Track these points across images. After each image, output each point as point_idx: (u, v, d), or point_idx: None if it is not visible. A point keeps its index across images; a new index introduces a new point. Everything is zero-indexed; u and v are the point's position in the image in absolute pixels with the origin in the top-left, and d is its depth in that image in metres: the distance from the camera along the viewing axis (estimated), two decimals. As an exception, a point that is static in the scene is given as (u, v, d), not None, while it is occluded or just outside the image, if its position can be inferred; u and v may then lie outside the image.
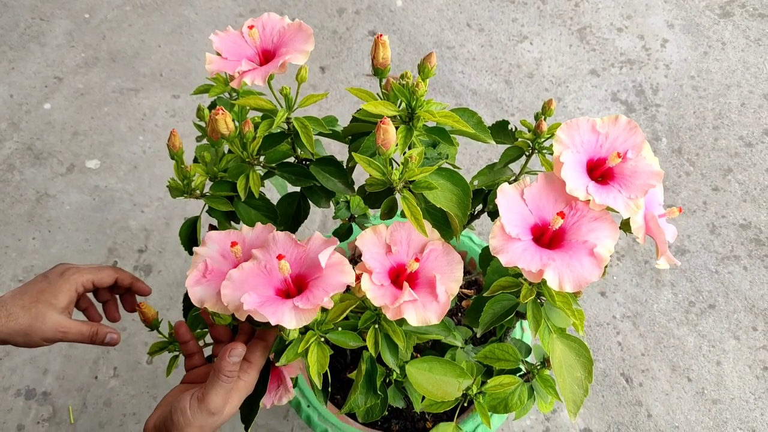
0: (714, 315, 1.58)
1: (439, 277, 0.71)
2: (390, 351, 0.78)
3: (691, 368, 1.52)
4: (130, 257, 1.61)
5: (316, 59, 1.92)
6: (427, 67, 0.72)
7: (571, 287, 0.69)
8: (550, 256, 0.71)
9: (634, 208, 0.73)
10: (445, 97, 1.86)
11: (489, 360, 0.95)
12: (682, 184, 1.75)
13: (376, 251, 0.72)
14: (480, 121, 0.79)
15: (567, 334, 0.82)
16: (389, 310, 0.69)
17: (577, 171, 0.74)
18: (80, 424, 1.42)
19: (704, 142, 1.82)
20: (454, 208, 0.76)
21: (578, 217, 0.74)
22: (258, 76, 0.76)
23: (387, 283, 0.71)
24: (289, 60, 0.76)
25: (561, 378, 0.80)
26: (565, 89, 1.90)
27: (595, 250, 0.71)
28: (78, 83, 1.87)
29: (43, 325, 0.79)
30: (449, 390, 0.83)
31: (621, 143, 0.77)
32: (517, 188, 0.74)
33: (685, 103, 1.89)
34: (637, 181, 0.75)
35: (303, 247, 0.70)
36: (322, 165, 0.87)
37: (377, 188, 0.72)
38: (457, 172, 0.76)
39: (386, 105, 0.71)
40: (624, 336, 1.55)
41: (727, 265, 1.64)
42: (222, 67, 0.78)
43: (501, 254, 0.70)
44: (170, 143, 0.83)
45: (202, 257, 0.72)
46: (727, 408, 1.47)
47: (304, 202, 0.90)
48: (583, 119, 0.77)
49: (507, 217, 0.72)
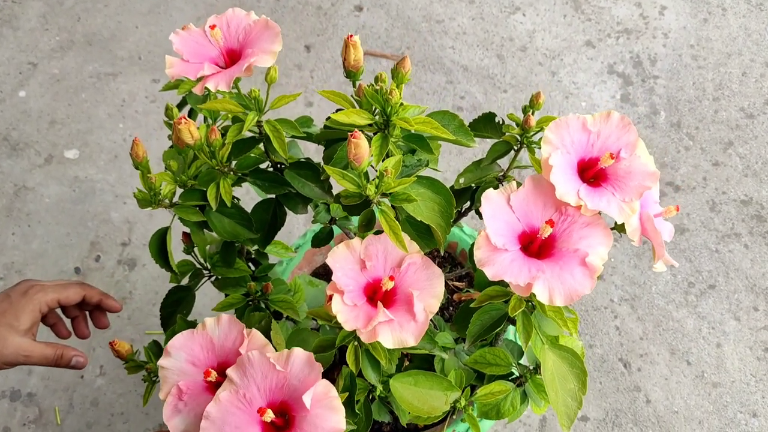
0: (714, 296, 1.54)
1: (417, 294, 0.67)
2: (372, 367, 0.74)
3: (691, 351, 1.48)
4: (114, 251, 1.57)
5: (301, 38, 1.85)
6: (401, 72, 0.66)
7: (561, 301, 0.65)
8: (539, 268, 0.66)
9: (628, 212, 0.69)
10: (435, 74, 1.79)
11: (479, 365, 0.91)
12: (681, 159, 1.70)
13: (349, 268, 0.67)
14: (461, 125, 0.73)
15: (559, 344, 0.78)
16: (363, 334, 0.64)
17: (567, 174, 0.69)
18: (67, 425, 1.39)
19: (704, 115, 1.76)
20: (437, 218, 0.71)
21: (569, 223, 0.69)
22: (222, 81, 0.70)
23: (361, 302, 0.67)
24: (255, 62, 0.70)
25: (553, 391, 0.76)
26: (559, 62, 1.83)
27: (587, 260, 0.66)
28: (53, 68, 1.80)
29: (4, 349, 0.75)
30: (436, 404, 0.79)
31: (614, 142, 0.72)
32: (503, 194, 0.69)
33: (684, 73, 1.82)
34: (632, 182, 0.70)
35: (283, 373, 0.62)
36: (297, 169, 0.82)
37: (353, 201, 0.67)
38: (438, 181, 0.70)
39: (359, 113, 0.65)
40: (622, 320, 1.51)
41: (728, 244, 1.59)
42: (183, 71, 0.72)
43: (487, 267, 0.65)
44: (133, 153, 0.78)
45: (171, 372, 0.66)
46: (728, 391, 1.44)
47: (280, 208, 0.85)
48: (573, 117, 0.71)
49: (492, 226, 0.67)
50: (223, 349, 0.66)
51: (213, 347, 0.66)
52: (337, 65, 1.81)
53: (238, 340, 0.66)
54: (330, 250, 1.31)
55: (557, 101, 1.77)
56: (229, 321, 0.67)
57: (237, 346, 0.66)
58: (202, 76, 0.71)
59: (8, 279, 1.52)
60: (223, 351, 0.66)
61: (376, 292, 0.69)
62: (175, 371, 0.66)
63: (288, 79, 1.78)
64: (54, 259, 1.55)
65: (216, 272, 0.93)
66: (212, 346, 0.66)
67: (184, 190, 0.82)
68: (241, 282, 0.93)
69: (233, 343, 0.66)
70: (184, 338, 0.67)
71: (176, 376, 0.65)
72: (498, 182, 0.91)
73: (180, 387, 0.64)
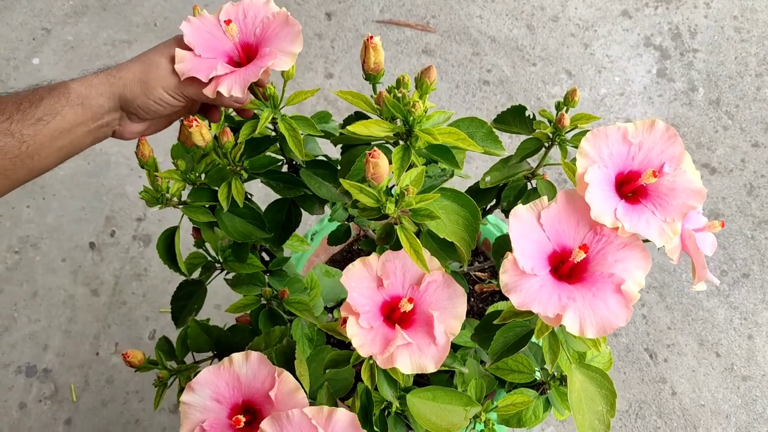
0: (748, 285, 1.48)
1: (438, 315, 0.62)
2: (388, 384, 0.70)
3: (721, 342, 1.43)
4: (129, 226, 1.54)
5: (322, 4, 1.77)
6: (426, 82, 0.60)
7: (594, 333, 0.60)
8: (569, 295, 0.61)
9: (670, 234, 0.63)
10: (461, 45, 1.71)
11: (501, 372, 0.87)
12: (718, 139, 1.61)
13: (365, 286, 0.63)
14: (490, 132, 0.68)
15: (587, 364, 0.74)
16: (379, 359, 0.60)
17: (604, 191, 0.63)
18: (83, 402, 1.39)
19: (745, 92, 1.66)
20: (461, 232, 0.66)
21: (604, 243, 0.64)
22: (236, 84, 0.65)
23: (378, 323, 0.62)
24: (273, 66, 0.64)
25: (580, 413, 0.72)
26: (593, 34, 1.74)
27: (622, 287, 0.61)
28: (67, 35, 1.75)
29: (159, 70, 0.66)
30: (455, 420, 0.76)
31: (657, 155, 0.65)
32: (533, 211, 0.64)
33: (726, 47, 1.72)
34: (675, 201, 0.64)
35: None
36: (314, 168, 0.77)
37: (371, 215, 0.62)
38: (462, 193, 0.65)
39: (379, 124, 0.60)
40: (649, 308, 1.46)
41: (765, 230, 1.52)
42: (194, 69, 0.66)
43: (513, 294, 0.60)
44: (139, 152, 0.73)
45: (194, 409, 0.62)
46: (758, 385, 1.39)
47: (295, 209, 0.80)
48: (612, 128, 0.65)
49: (521, 247, 0.62)
50: (250, 388, 0.63)
51: (239, 385, 0.63)
52: (359, 35, 1.73)
53: (268, 382, 0.62)
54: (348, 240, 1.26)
55: (589, 76, 1.69)
56: (258, 360, 0.63)
57: (266, 388, 0.62)
58: (215, 76, 0.66)
59: (23, 253, 1.51)
60: (250, 390, 0.63)
61: (394, 311, 0.64)
62: (198, 408, 0.62)
63: (308, 48, 1.71)
64: (69, 234, 1.53)
65: (228, 267, 0.90)
66: (239, 383, 0.63)
67: (193, 187, 0.78)
68: (255, 280, 0.90)
69: (262, 383, 0.62)
70: (209, 374, 0.63)
71: (199, 414, 0.62)
72: (527, 181, 0.85)
73: (204, 428, 0.61)
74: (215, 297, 1.38)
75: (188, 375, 0.86)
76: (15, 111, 0.62)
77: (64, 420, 1.38)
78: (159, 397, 0.82)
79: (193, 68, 0.66)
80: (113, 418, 1.37)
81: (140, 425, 1.37)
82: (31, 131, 0.63)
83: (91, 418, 1.38)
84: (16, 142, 0.62)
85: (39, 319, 1.45)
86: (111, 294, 1.48)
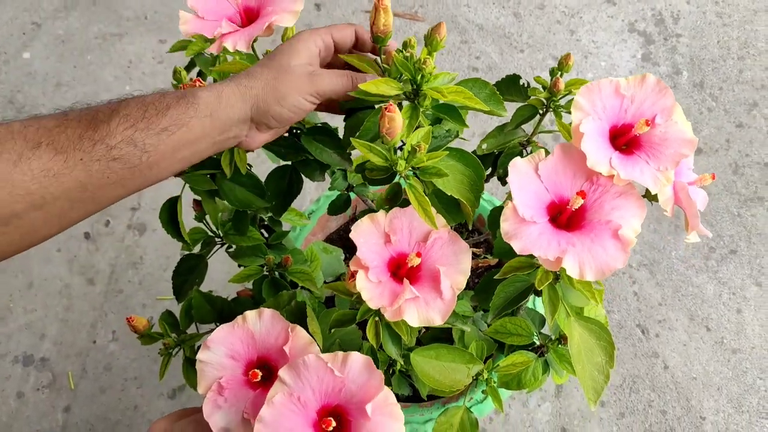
0: (735, 261, 1.51)
1: (444, 270, 0.64)
2: (392, 341, 0.72)
3: (710, 317, 1.46)
4: (123, 215, 1.55)
5: (311, -5, 1.79)
6: (436, 39, 0.62)
7: (593, 275, 0.62)
8: (569, 241, 0.63)
9: (663, 181, 0.65)
10: (450, 34, 1.73)
11: (500, 335, 0.89)
12: (703, 121, 1.65)
13: (373, 242, 0.64)
14: (493, 93, 0.69)
15: (585, 316, 0.75)
16: (388, 312, 0.62)
17: (598, 142, 0.65)
18: (81, 390, 1.39)
19: (728, 75, 1.70)
20: (467, 192, 0.67)
21: (600, 193, 0.66)
22: (240, 39, 0.66)
23: (385, 278, 0.64)
24: (276, 22, 0.66)
25: (580, 364, 0.74)
26: (578, 20, 1.77)
27: (620, 232, 0.63)
28: (58, 29, 1.75)
29: (292, 74, 0.64)
30: (458, 377, 0.77)
31: (649, 107, 0.68)
32: (531, 163, 0.66)
33: (708, 31, 1.76)
34: (668, 150, 0.66)
35: (340, 377, 0.58)
36: (314, 135, 0.78)
37: (379, 174, 0.64)
38: (467, 152, 0.67)
39: (389, 83, 0.61)
40: (640, 285, 1.49)
41: (750, 207, 1.56)
42: (198, 29, 0.68)
43: (514, 240, 0.62)
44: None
45: (210, 366, 0.63)
46: (747, 357, 1.42)
47: (296, 175, 0.82)
48: (605, 81, 0.67)
49: (520, 197, 0.64)
50: (264, 344, 0.64)
51: (254, 342, 0.64)
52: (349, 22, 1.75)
53: (282, 337, 0.64)
54: (344, 220, 1.28)
55: (576, 61, 1.72)
56: (271, 316, 0.64)
57: (280, 343, 0.63)
58: (219, 34, 0.67)
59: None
60: (264, 346, 0.64)
61: (400, 268, 0.66)
62: (214, 365, 0.63)
63: (298, 38, 1.73)
64: (64, 225, 1.53)
65: (228, 240, 0.91)
66: (253, 340, 0.64)
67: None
68: (257, 251, 0.91)
69: (276, 339, 0.63)
70: (224, 332, 0.64)
71: (215, 371, 0.63)
72: (522, 148, 0.87)
73: (221, 383, 0.62)
74: (211, 283, 1.38)
75: (192, 344, 0.87)
76: (140, 118, 0.59)
77: (62, 408, 1.38)
78: (164, 366, 0.83)
79: (198, 28, 0.68)
80: (112, 405, 1.38)
81: (139, 411, 1.37)
82: (154, 141, 0.59)
83: (90, 405, 1.38)
84: (137, 151, 0.58)
85: (35, 309, 1.46)
86: (107, 283, 1.48)
